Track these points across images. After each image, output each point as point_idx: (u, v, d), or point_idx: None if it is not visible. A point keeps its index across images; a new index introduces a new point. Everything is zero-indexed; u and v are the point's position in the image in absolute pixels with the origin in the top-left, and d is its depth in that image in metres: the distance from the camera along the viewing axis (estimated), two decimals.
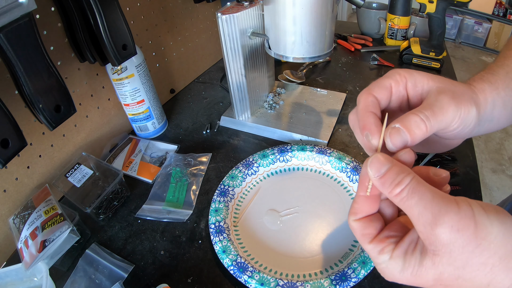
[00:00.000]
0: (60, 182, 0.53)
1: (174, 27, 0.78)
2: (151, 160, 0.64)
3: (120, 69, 0.58)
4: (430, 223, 0.22)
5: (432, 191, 0.23)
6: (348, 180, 0.55)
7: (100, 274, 0.45)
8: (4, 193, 0.49)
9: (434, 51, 0.84)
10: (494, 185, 1.86)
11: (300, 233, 0.48)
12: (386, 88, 0.31)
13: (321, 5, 0.49)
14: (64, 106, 0.45)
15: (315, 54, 0.54)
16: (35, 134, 0.52)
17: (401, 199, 0.24)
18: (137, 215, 0.54)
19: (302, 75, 0.85)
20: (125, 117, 0.69)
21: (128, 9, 0.64)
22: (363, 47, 0.99)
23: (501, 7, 2.70)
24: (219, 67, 0.96)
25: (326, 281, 0.40)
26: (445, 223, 0.22)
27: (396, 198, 0.24)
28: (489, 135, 2.18)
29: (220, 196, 0.53)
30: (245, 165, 0.57)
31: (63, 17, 0.51)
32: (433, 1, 0.78)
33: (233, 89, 0.65)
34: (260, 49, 0.63)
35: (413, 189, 0.23)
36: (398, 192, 0.24)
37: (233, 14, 0.54)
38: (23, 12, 0.36)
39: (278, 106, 0.73)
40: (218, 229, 0.48)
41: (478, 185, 0.54)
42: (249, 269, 0.42)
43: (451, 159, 0.57)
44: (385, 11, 0.98)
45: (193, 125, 0.73)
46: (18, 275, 0.44)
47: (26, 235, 0.44)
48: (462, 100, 0.29)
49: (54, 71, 0.42)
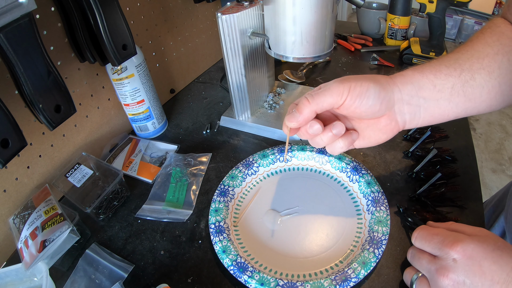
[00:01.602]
0: (60, 182, 0.53)
1: (174, 27, 0.78)
2: (151, 160, 0.64)
3: (120, 69, 0.58)
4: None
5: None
6: (348, 180, 0.55)
7: (100, 274, 0.45)
8: (4, 193, 0.49)
9: (434, 51, 0.84)
10: (494, 185, 1.86)
11: (300, 233, 0.48)
12: (323, 95, 0.39)
13: (321, 5, 0.49)
14: (64, 106, 0.45)
15: (315, 54, 0.54)
16: (35, 134, 0.52)
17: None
18: (137, 215, 0.54)
19: (302, 75, 0.85)
20: (125, 117, 0.69)
21: (128, 9, 0.64)
22: (363, 47, 0.99)
23: (501, 7, 2.70)
24: (219, 67, 0.96)
25: (326, 281, 0.40)
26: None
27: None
28: (489, 135, 2.18)
29: (220, 196, 0.53)
30: (245, 165, 0.57)
31: (63, 17, 0.51)
32: (433, 1, 0.78)
33: (233, 89, 0.65)
34: (260, 49, 0.63)
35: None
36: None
37: (233, 14, 0.54)
38: (23, 12, 0.36)
39: (278, 106, 0.73)
40: (218, 229, 0.48)
41: (478, 185, 0.54)
42: (249, 269, 0.42)
43: (451, 159, 0.57)
44: (385, 11, 0.98)
45: (193, 125, 0.73)
46: (18, 275, 0.44)
47: (26, 235, 0.44)
48: (352, 79, 0.38)
49: (54, 71, 0.42)
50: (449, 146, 0.60)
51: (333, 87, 0.37)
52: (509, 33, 0.39)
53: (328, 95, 0.38)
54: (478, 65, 0.39)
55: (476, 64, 0.39)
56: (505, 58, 0.39)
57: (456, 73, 0.39)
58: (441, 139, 0.61)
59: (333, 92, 0.37)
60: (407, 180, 0.56)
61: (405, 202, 0.52)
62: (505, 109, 2.36)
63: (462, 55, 0.40)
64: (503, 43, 0.39)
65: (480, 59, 0.39)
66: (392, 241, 0.47)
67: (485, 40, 0.40)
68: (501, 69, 0.39)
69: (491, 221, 0.58)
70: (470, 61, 0.39)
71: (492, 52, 0.39)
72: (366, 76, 0.39)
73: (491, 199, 0.65)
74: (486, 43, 0.39)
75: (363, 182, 0.52)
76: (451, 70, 0.39)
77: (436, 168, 0.55)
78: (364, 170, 0.54)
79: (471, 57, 0.39)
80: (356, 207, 0.51)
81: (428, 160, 0.56)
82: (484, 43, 0.39)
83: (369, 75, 0.39)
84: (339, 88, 0.37)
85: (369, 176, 0.53)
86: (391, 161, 0.59)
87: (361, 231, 0.47)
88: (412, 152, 0.59)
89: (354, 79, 0.38)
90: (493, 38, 0.39)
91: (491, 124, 2.27)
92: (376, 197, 0.50)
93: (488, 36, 0.40)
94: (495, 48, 0.39)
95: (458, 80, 0.39)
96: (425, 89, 0.39)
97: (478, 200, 0.51)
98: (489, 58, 0.39)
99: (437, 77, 0.39)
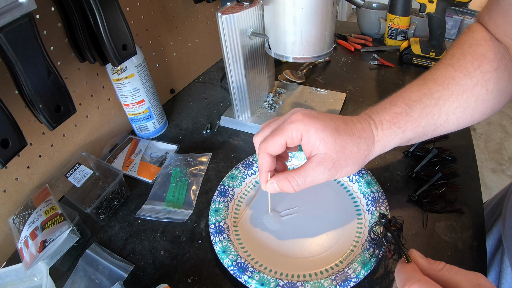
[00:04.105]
0: (60, 182, 0.53)
1: (174, 27, 0.78)
2: (151, 160, 0.64)
3: (120, 69, 0.58)
4: None
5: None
6: (348, 180, 0.55)
7: (100, 274, 0.45)
8: (4, 193, 0.49)
9: (434, 51, 0.84)
10: (494, 185, 1.86)
11: (300, 233, 0.48)
12: (281, 145, 0.39)
13: (321, 5, 0.49)
14: (64, 106, 0.45)
15: (315, 54, 0.54)
16: (35, 134, 0.52)
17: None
18: (137, 215, 0.54)
19: (302, 75, 0.85)
20: (125, 117, 0.69)
21: (128, 9, 0.64)
22: (363, 47, 0.99)
23: None
24: (219, 67, 0.96)
25: (326, 281, 0.40)
26: None
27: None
28: (489, 135, 2.18)
29: (220, 196, 0.53)
30: (245, 165, 0.57)
31: (63, 17, 0.51)
32: (433, 1, 0.78)
33: (233, 89, 0.65)
34: (260, 49, 0.63)
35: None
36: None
37: (233, 14, 0.54)
38: (23, 12, 0.36)
39: (278, 106, 0.73)
40: (218, 229, 0.48)
41: (478, 185, 0.54)
42: (249, 269, 0.42)
43: (451, 159, 0.57)
44: (385, 11, 0.98)
45: (193, 125, 0.73)
46: (18, 275, 0.44)
47: (26, 235, 0.44)
48: (341, 167, 0.38)
49: (54, 71, 0.42)
50: (449, 146, 0.60)
51: (322, 176, 0.37)
52: (490, 54, 0.39)
53: (314, 183, 0.38)
54: (456, 104, 0.39)
55: (454, 103, 0.39)
56: (483, 88, 0.39)
57: (433, 120, 0.40)
58: (441, 139, 0.61)
59: (320, 180, 0.38)
60: (407, 180, 0.56)
61: (400, 209, 0.52)
62: (505, 109, 2.36)
63: (444, 92, 0.39)
64: (484, 71, 0.38)
65: (459, 96, 0.39)
66: None
67: (466, 69, 0.39)
68: (477, 102, 0.39)
69: (489, 225, 0.58)
70: (449, 100, 0.39)
71: (471, 84, 0.39)
72: (353, 158, 0.38)
73: (490, 201, 0.65)
74: (467, 72, 0.39)
75: (363, 182, 0.52)
76: (429, 118, 0.39)
77: (436, 168, 0.55)
78: (364, 170, 0.54)
79: (451, 95, 0.39)
80: (356, 207, 0.51)
81: (428, 160, 0.56)
82: (465, 73, 0.39)
83: (356, 153, 0.38)
84: (327, 177, 0.38)
85: (369, 176, 0.53)
86: (391, 161, 0.59)
87: (361, 231, 0.47)
88: (412, 152, 0.59)
89: (343, 166, 0.38)
90: (474, 65, 0.39)
91: (491, 124, 2.27)
92: (376, 197, 0.50)
93: (469, 62, 0.39)
94: (474, 79, 0.38)
95: (432, 127, 0.40)
96: (399, 142, 0.41)
97: (478, 200, 0.52)
98: (467, 93, 0.39)
99: (415, 132, 0.40)
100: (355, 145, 0.38)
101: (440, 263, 0.28)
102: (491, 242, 0.55)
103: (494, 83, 0.39)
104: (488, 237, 0.55)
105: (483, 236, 0.47)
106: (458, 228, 0.48)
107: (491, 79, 0.38)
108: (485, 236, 0.47)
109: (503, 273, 0.50)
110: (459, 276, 0.27)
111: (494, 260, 0.53)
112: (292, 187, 0.38)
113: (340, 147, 0.37)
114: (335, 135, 0.37)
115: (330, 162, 0.37)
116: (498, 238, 0.54)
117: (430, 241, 0.46)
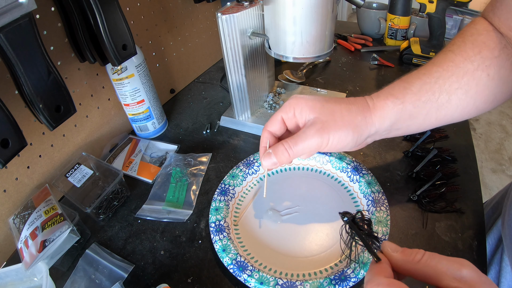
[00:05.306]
0: (60, 182, 0.53)
1: (174, 27, 0.78)
2: (151, 160, 0.64)
3: (120, 69, 0.58)
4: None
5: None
6: (348, 180, 0.55)
7: (100, 274, 0.45)
8: (4, 193, 0.49)
9: (434, 51, 0.84)
10: (494, 185, 1.86)
11: (300, 233, 0.48)
12: (278, 121, 0.42)
13: (321, 5, 0.49)
14: (64, 106, 0.45)
15: (315, 54, 0.54)
16: (35, 134, 0.52)
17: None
18: (137, 215, 0.54)
19: (302, 75, 0.85)
20: (125, 117, 0.69)
21: (128, 9, 0.64)
22: (363, 47, 0.99)
23: None
24: (219, 67, 0.96)
25: (326, 281, 0.40)
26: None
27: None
28: (489, 135, 2.18)
29: (220, 195, 0.53)
30: (246, 164, 0.57)
31: (63, 17, 0.51)
32: (433, 1, 0.78)
33: (233, 89, 0.65)
34: (260, 49, 0.63)
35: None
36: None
37: (233, 14, 0.54)
38: (23, 12, 0.36)
39: (278, 106, 0.73)
40: (218, 228, 0.48)
41: (478, 185, 0.54)
42: (248, 268, 0.42)
43: (451, 159, 0.57)
44: (385, 11, 0.98)
45: (193, 125, 0.73)
46: (18, 275, 0.44)
47: (26, 235, 0.44)
48: (331, 129, 0.38)
49: (54, 71, 0.42)
50: (449, 146, 0.60)
51: (313, 139, 0.38)
52: (491, 42, 0.38)
53: (306, 148, 0.38)
54: (456, 84, 0.39)
55: (455, 84, 0.39)
56: (484, 73, 0.38)
57: (435, 97, 0.39)
58: (441, 139, 0.61)
59: (312, 145, 0.38)
60: (407, 180, 0.56)
61: (401, 205, 0.52)
62: (505, 109, 2.36)
63: (443, 72, 0.39)
64: (484, 56, 0.38)
65: (459, 78, 0.39)
66: (392, 241, 0.46)
67: (467, 53, 0.39)
68: (478, 86, 0.39)
69: (489, 224, 0.58)
70: (450, 80, 0.39)
71: (472, 68, 0.38)
72: (344, 121, 0.38)
73: (490, 200, 0.65)
74: (467, 56, 0.39)
75: (364, 182, 0.52)
76: (429, 95, 0.39)
77: (436, 168, 0.55)
78: (364, 170, 0.54)
79: (451, 75, 0.39)
80: (357, 207, 0.51)
81: (428, 160, 0.56)
82: (465, 56, 0.39)
83: (347, 116, 0.39)
84: (318, 140, 0.38)
85: (369, 176, 0.53)
86: (391, 161, 0.59)
87: None
88: (412, 152, 0.59)
89: (333, 128, 0.38)
90: (475, 51, 0.39)
91: (491, 124, 2.27)
92: (376, 197, 0.50)
93: (470, 48, 0.39)
94: (475, 63, 0.38)
95: (434, 104, 0.39)
96: (402, 120, 0.40)
97: (478, 200, 0.52)
98: (468, 76, 0.38)
99: (416, 106, 0.39)
100: (346, 110, 0.39)
101: (419, 252, 0.26)
102: (491, 241, 0.55)
103: (495, 70, 0.38)
104: (488, 236, 0.55)
105: (483, 236, 0.47)
106: (458, 228, 0.48)
107: (492, 65, 0.38)
108: (485, 236, 0.47)
109: (503, 272, 0.50)
110: (440, 267, 0.24)
111: (494, 259, 0.53)
112: (285, 150, 0.39)
113: (328, 110, 0.39)
114: (323, 102, 0.40)
115: (319, 123, 0.38)
116: (498, 237, 0.54)
117: (430, 241, 0.46)
